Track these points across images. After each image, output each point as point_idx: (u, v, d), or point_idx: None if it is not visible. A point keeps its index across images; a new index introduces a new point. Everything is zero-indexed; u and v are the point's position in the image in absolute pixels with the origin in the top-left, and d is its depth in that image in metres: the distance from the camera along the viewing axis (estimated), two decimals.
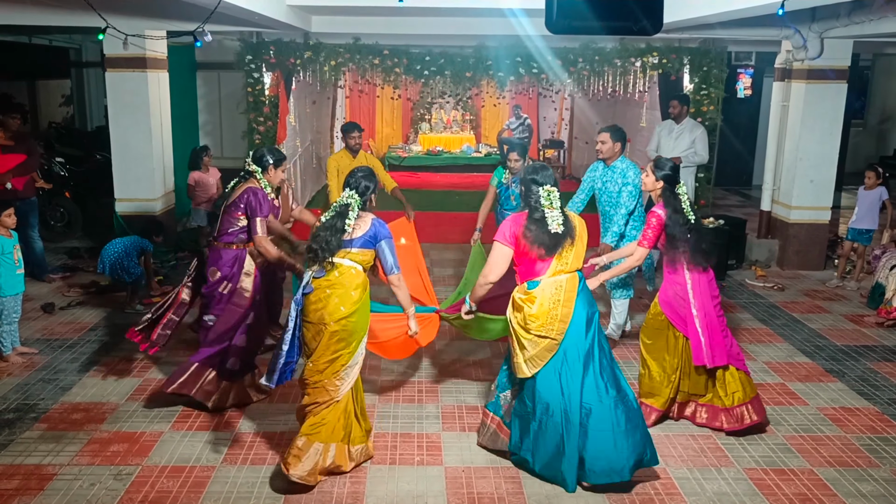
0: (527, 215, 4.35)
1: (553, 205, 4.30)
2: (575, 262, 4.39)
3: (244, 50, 9.39)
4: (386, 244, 4.41)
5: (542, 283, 4.30)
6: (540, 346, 4.28)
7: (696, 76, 9.39)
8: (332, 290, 4.23)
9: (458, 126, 17.75)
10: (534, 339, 4.28)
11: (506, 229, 4.36)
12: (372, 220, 4.41)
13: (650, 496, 4.24)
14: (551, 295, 4.29)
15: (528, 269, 4.35)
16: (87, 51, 14.42)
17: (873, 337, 6.90)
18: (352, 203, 4.34)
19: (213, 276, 5.09)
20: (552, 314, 4.26)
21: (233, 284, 5.11)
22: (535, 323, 4.27)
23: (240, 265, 5.12)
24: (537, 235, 4.26)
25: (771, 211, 9.51)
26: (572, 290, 4.33)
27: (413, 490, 4.26)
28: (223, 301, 5.11)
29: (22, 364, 5.90)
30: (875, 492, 4.32)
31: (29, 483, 4.25)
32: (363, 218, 4.40)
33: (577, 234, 4.38)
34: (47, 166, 10.04)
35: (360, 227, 4.35)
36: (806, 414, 5.31)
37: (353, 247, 4.32)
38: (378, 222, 4.43)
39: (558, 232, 4.26)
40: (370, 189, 4.45)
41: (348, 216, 4.31)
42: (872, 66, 16.62)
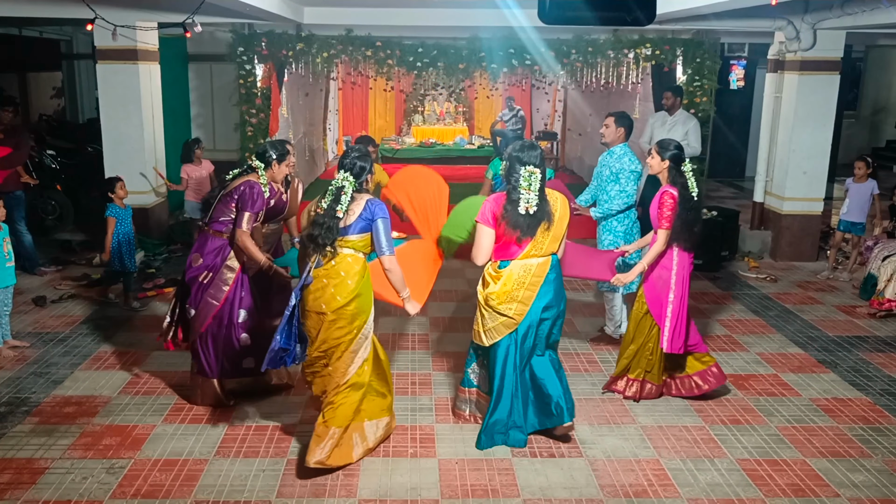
0: (506, 196, 4.39)
1: (531, 187, 4.33)
2: (551, 244, 4.47)
3: (236, 42, 9.34)
4: (381, 223, 4.26)
5: (512, 264, 4.45)
6: (498, 321, 4.49)
7: (690, 67, 9.38)
8: (328, 279, 4.23)
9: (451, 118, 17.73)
10: (492, 313, 4.49)
11: (486, 210, 4.41)
12: (366, 202, 4.28)
13: (643, 487, 4.25)
14: (518, 277, 4.45)
15: (504, 249, 4.45)
16: (78, 42, 14.33)
17: (865, 328, 6.92)
18: (346, 186, 4.24)
19: (196, 262, 4.96)
20: (513, 295, 4.44)
21: (213, 275, 4.95)
22: (495, 301, 4.46)
23: (223, 256, 4.97)
24: (513, 217, 4.33)
25: (764, 202, 9.52)
26: (540, 275, 4.45)
27: (407, 482, 4.26)
28: (201, 291, 4.95)
29: (13, 357, 5.87)
30: (867, 482, 4.34)
31: (21, 476, 4.23)
32: (358, 201, 4.28)
33: (555, 217, 4.43)
34: (38, 159, 9.98)
35: (354, 210, 4.25)
36: (798, 405, 5.32)
37: (350, 233, 4.26)
38: (373, 202, 4.29)
39: (532, 214, 4.32)
40: (366, 170, 4.33)
41: (341, 200, 4.22)
42: (865, 58, 16.65)
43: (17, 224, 7.76)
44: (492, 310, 4.50)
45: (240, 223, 4.85)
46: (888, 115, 17.07)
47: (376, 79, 10.25)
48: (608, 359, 6.03)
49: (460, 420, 4.96)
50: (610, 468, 4.44)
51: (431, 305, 7.25)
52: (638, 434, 4.85)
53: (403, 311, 4.56)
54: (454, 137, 16.95)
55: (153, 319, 6.78)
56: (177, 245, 9.26)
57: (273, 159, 5.00)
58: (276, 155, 5.01)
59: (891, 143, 16.96)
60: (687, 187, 4.94)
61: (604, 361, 5.99)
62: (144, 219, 8.95)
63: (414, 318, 6.84)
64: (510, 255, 4.44)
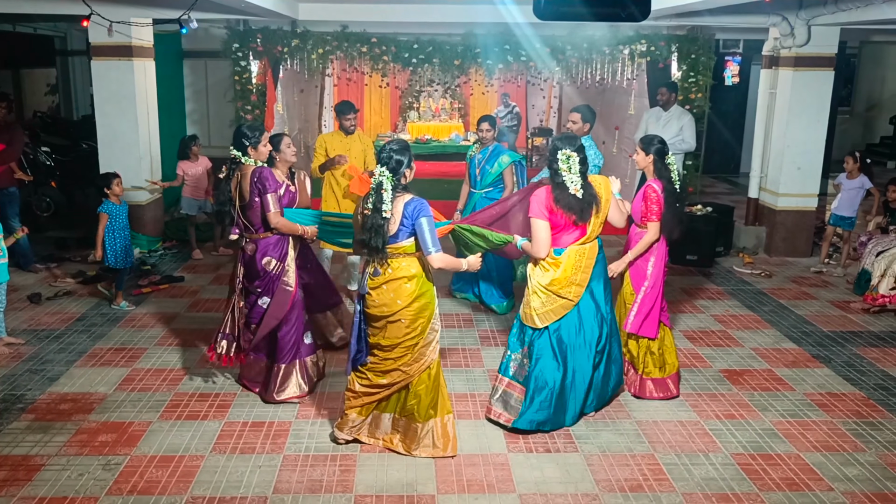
0: (551, 185, 4.55)
1: (571, 169, 4.50)
2: (598, 228, 4.68)
3: (231, 38, 9.34)
4: (425, 222, 4.15)
5: (568, 250, 4.63)
6: (557, 303, 4.65)
7: (684, 64, 9.40)
8: (387, 285, 4.26)
9: (446, 114, 17.70)
10: (552, 296, 4.64)
11: (538, 204, 4.56)
12: (405, 204, 4.17)
13: (639, 482, 4.26)
14: (575, 261, 4.62)
15: (558, 238, 4.61)
16: (72, 39, 14.28)
17: (859, 323, 6.95)
18: (384, 181, 4.14)
19: (269, 265, 5.00)
20: (572, 279, 4.63)
21: (283, 263, 5.02)
22: (557, 286, 4.63)
23: (288, 242, 5.06)
24: (566, 201, 4.51)
25: (758, 198, 9.55)
26: (592, 258, 4.68)
27: (403, 478, 4.27)
28: (276, 281, 5.00)
29: (8, 355, 5.86)
30: (861, 476, 4.36)
31: (17, 474, 4.23)
32: (398, 201, 4.17)
33: (601, 200, 4.66)
34: (33, 156, 9.96)
35: (395, 213, 4.16)
36: (793, 399, 5.35)
37: (399, 240, 4.21)
38: (415, 202, 4.18)
39: (580, 196, 4.51)
40: (403, 163, 4.19)
41: (383, 199, 4.13)
42: (859, 54, 16.67)
43: (11, 221, 7.74)
44: (553, 294, 4.63)
45: (268, 208, 4.89)
46: (882, 111, 17.10)
47: (371, 75, 10.26)
48: None
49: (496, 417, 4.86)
50: (605, 463, 4.45)
51: None
52: (633, 429, 4.87)
53: None
54: (450, 134, 16.93)
55: (148, 316, 6.78)
56: (172, 242, 9.26)
57: (247, 145, 4.97)
58: (250, 141, 4.97)
59: (885, 139, 17.00)
60: (671, 181, 5.04)
61: None
62: (140, 216, 8.94)
63: None
64: (564, 243, 4.62)
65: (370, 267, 4.34)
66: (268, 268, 5.01)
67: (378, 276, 4.29)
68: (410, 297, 4.26)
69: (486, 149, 6.95)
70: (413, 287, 4.26)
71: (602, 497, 4.12)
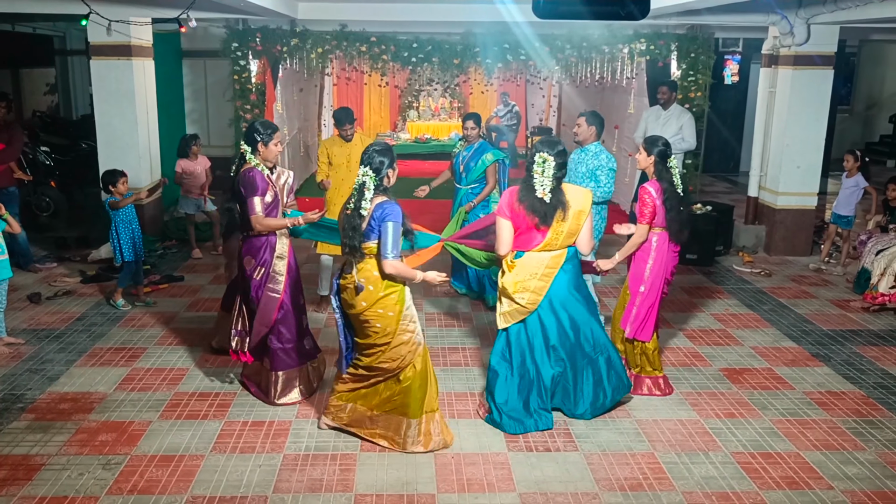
0: (520, 185, 4.54)
1: (544, 172, 4.45)
2: (566, 238, 4.56)
3: (230, 37, 9.33)
4: (390, 226, 4.14)
5: (526, 255, 4.58)
6: (512, 307, 4.68)
7: (684, 62, 9.39)
8: (352, 286, 4.30)
9: (446, 113, 17.72)
10: (508, 300, 4.68)
11: (503, 202, 4.57)
12: (377, 205, 4.19)
13: (638, 481, 4.26)
14: (531, 268, 4.57)
15: (521, 239, 4.58)
16: (71, 39, 14.27)
17: (859, 321, 6.95)
18: (367, 181, 4.18)
19: (249, 264, 5.00)
20: (526, 284, 4.57)
21: (266, 269, 4.99)
22: (510, 290, 4.62)
23: (271, 249, 5.01)
24: (530, 202, 4.47)
25: (758, 197, 9.55)
26: (553, 267, 4.58)
27: (402, 477, 4.27)
28: (260, 287, 5.00)
29: (8, 354, 5.86)
30: (860, 474, 4.36)
31: (17, 473, 4.23)
32: (374, 202, 4.20)
33: (571, 209, 4.53)
34: (32, 155, 9.96)
35: (367, 215, 4.20)
36: (792, 398, 5.35)
37: (367, 239, 4.23)
38: (387, 205, 4.19)
39: (546, 200, 4.43)
40: (385, 164, 4.24)
41: (364, 197, 4.18)
42: (858, 53, 16.67)
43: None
44: (507, 297, 4.66)
45: (252, 210, 4.85)
46: (881, 110, 17.10)
47: (371, 74, 10.24)
48: None
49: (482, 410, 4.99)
50: (605, 462, 4.46)
51: (427, 302, 7.27)
52: (633, 428, 4.87)
53: None
54: (449, 133, 16.95)
55: (148, 316, 6.78)
56: (172, 241, 9.25)
57: (258, 140, 4.95)
58: (261, 136, 4.95)
59: (884, 137, 16.99)
60: (673, 182, 5.00)
61: None
62: (139, 215, 8.90)
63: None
64: (526, 246, 4.58)
65: (346, 265, 4.39)
66: (247, 267, 5.00)
67: (347, 276, 4.33)
68: (373, 299, 4.27)
69: (472, 146, 7.09)
70: (375, 290, 4.26)
71: (602, 496, 4.12)
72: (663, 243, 5.09)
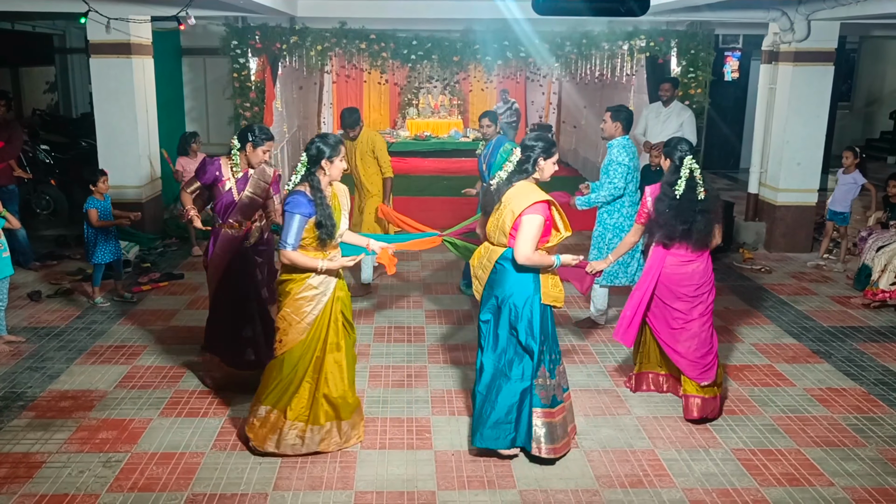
0: None
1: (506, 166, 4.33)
2: (498, 235, 4.29)
3: (229, 35, 9.32)
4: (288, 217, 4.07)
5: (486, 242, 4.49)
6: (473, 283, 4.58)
7: (684, 59, 9.38)
8: None
9: (445, 111, 17.72)
10: None
11: None
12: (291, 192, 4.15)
13: (639, 478, 4.26)
14: (479, 254, 4.50)
15: None
16: (71, 37, 14.26)
17: (859, 318, 6.95)
18: (298, 165, 4.21)
19: None
20: (475, 270, 4.51)
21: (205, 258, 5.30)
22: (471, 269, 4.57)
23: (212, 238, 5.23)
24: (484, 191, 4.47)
25: (758, 194, 9.54)
26: (490, 261, 4.39)
27: (403, 474, 4.27)
28: None
29: (9, 352, 5.86)
30: (861, 471, 4.36)
31: (17, 471, 4.23)
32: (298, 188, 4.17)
33: (504, 206, 4.23)
34: (32, 153, 9.96)
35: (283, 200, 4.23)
36: (793, 395, 5.35)
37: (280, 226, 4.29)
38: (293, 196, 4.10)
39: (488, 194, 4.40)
40: (323, 153, 4.13)
41: (289, 181, 4.23)
42: (859, 49, 16.65)
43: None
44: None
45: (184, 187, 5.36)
46: (882, 107, 17.09)
47: (370, 72, 10.23)
48: (603, 350, 6.06)
49: None
50: (605, 459, 4.46)
51: (426, 298, 7.27)
52: (633, 425, 4.87)
53: (400, 304, 4.56)
54: (449, 130, 16.95)
55: (148, 314, 6.78)
56: (171, 239, 9.25)
57: (248, 140, 5.00)
58: (252, 137, 4.99)
59: (885, 134, 16.98)
60: (673, 185, 4.75)
61: (599, 353, 6.01)
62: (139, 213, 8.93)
63: (410, 312, 6.87)
64: None
65: None
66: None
67: None
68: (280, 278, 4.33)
69: (490, 143, 7.06)
70: (282, 270, 4.32)
71: (602, 493, 4.12)
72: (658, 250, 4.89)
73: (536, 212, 4.16)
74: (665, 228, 4.78)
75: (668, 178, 4.83)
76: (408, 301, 7.20)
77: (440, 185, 12.92)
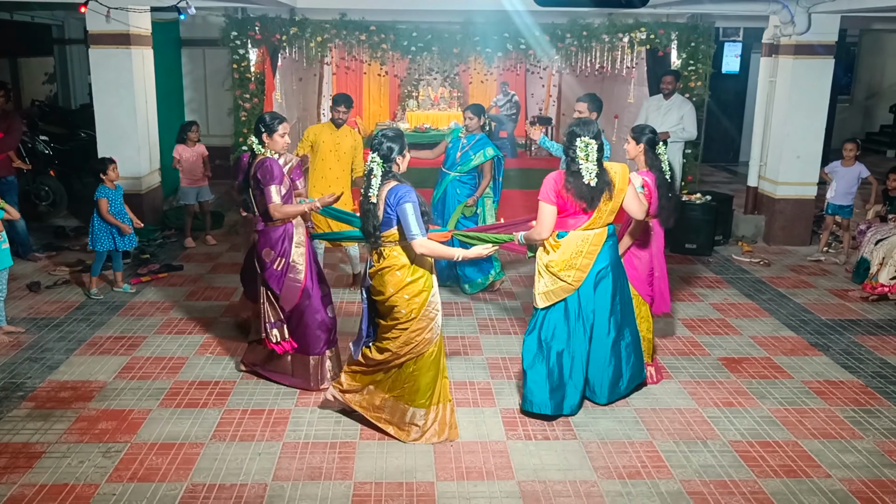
0: (566, 171, 4.53)
1: (588, 157, 4.46)
2: (608, 216, 4.63)
3: (229, 26, 9.28)
4: (409, 207, 4.14)
5: (570, 234, 4.59)
6: (557, 285, 4.65)
7: (684, 52, 9.36)
8: (381, 273, 4.34)
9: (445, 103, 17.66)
10: (553, 277, 4.65)
11: (548, 188, 4.55)
12: (388, 191, 4.19)
13: (637, 469, 4.28)
14: (576, 246, 4.59)
15: (564, 221, 4.59)
16: (69, 27, 14.21)
17: (858, 311, 6.96)
18: (374, 167, 4.21)
19: (269, 256, 5.04)
20: (571, 263, 4.60)
21: (286, 259, 5.04)
22: (555, 268, 4.62)
23: (289, 238, 5.06)
24: (578, 189, 4.47)
25: (757, 187, 9.54)
26: (597, 244, 4.63)
27: (402, 465, 4.29)
28: (282, 277, 5.04)
29: (8, 343, 5.87)
30: (858, 463, 4.38)
31: (17, 461, 4.24)
32: (383, 189, 4.22)
33: (615, 187, 4.57)
34: (31, 144, 9.94)
35: (381, 200, 4.21)
36: (791, 387, 5.36)
37: (385, 228, 4.26)
38: (399, 189, 4.18)
39: (592, 185, 4.46)
40: (395, 150, 4.23)
41: (371, 184, 4.22)
42: (859, 42, 16.64)
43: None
44: (553, 275, 4.64)
45: (269, 199, 4.90)
46: (882, 100, 17.07)
47: (370, 64, 10.20)
48: None
49: None
50: (604, 450, 4.47)
51: None
52: (632, 416, 4.88)
53: None
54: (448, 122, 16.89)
55: (148, 305, 6.78)
56: (171, 230, 9.25)
57: (262, 132, 5.00)
58: (265, 126, 5.00)
59: (885, 127, 16.97)
60: (662, 170, 5.03)
61: None
62: (139, 204, 8.92)
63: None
64: (569, 227, 4.59)
65: (372, 255, 4.44)
66: (266, 259, 5.04)
67: (374, 265, 4.39)
68: (400, 285, 4.29)
69: (473, 135, 7.06)
70: (403, 275, 4.29)
71: (600, 484, 4.13)
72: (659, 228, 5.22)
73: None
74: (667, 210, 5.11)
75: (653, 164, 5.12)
76: None
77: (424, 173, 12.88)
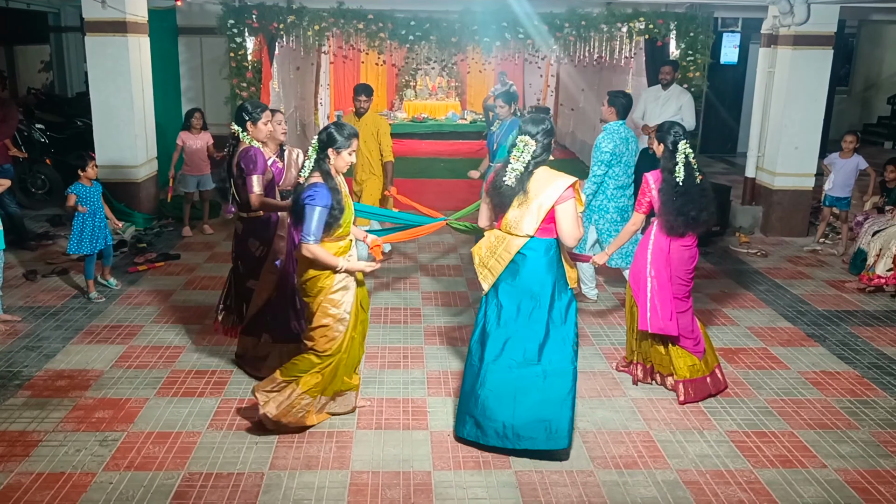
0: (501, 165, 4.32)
1: (520, 157, 4.16)
2: (526, 225, 4.20)
3: (226, 14, 9.24)
4: (307, 210, 4.01)
5: (492, 230, 4.38)
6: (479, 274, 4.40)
7: (683, 42, 9.35)
8: None
9: (443, 92, 17.65)
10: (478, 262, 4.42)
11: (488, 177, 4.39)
12: (309, 184, 4.10)
13: (633, 459, 4.29)
14: (490, 244, 4.35)
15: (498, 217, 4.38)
16: (65, 15, 14.16)
17: (854, 302, 6.97)
18: (310, 150, 4.18)
19: (254, 246, 5.04)
20: (485, 260, 4.35)
21: (266, 248, 5.03)
22: (476, 258, 4.42)
23: (273, 228, 5.05)
24: (494, 185, 4.26)
25: (755, 178, 9.54)
26: (509, 252, 4.24)
27: (399, 454, 4.29)
28: (259, 265, 5.03)
29: (5, 332, 5.86)
30: (854, 453, 4.39)
31: (14, 449, 4.24)
32: (310, 178, 4.14)
33: (531, 200, 4.16)
34: (27, 133, 9.91)
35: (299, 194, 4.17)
36: (787, 378, 5.37)
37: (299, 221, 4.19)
38: (313, 187, 4.05)
39: (503, 187, 4.17)
40: (334, 141, 4.10)
41: (304, 166, 4.19)
42: (858, 33, 16.61)
43: (6, 198, 7.70)
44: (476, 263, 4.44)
45: (251, 188, 4.86)
46: (880, 91, 17.08)
47: (368, 53, 10.17)
48: (599, 332, 6.09)
49: None
50: (600, 440, 4.48)
51: (423, 280, 7.28)
52: (628, 406, 4.89)
53: (396, 285, 4.56)
54: (446, 112, 16.89)
55: (145, 294, 6.77)
56: (168, 219, 9.23)
57: (246, 119, 4.96)
58: (249, 115, 4.96)
59: (882, 119, 16.98)
60: (673, 172, 4.73)
61: (595, 335, 6.03)
62: (135, 193, 8.92)
63: (407, 294, 6.87)
64: (498, 223, 4.37)
65: None
66: (251, 249, 5.03)
67: None
68: (303, 278, 4.25)
69: (504, 123, 7.11)
70: (304, 264, 4.23)
71: (597, 473, 4.14)
72: (661, 234, 4.89)
73: (570, 197, 4.15)
74: (681, 217, 4.74)
75: (665, 165, 4.79)
76: (405, 283, 7.21)
77: (437, 167, 12.90)
